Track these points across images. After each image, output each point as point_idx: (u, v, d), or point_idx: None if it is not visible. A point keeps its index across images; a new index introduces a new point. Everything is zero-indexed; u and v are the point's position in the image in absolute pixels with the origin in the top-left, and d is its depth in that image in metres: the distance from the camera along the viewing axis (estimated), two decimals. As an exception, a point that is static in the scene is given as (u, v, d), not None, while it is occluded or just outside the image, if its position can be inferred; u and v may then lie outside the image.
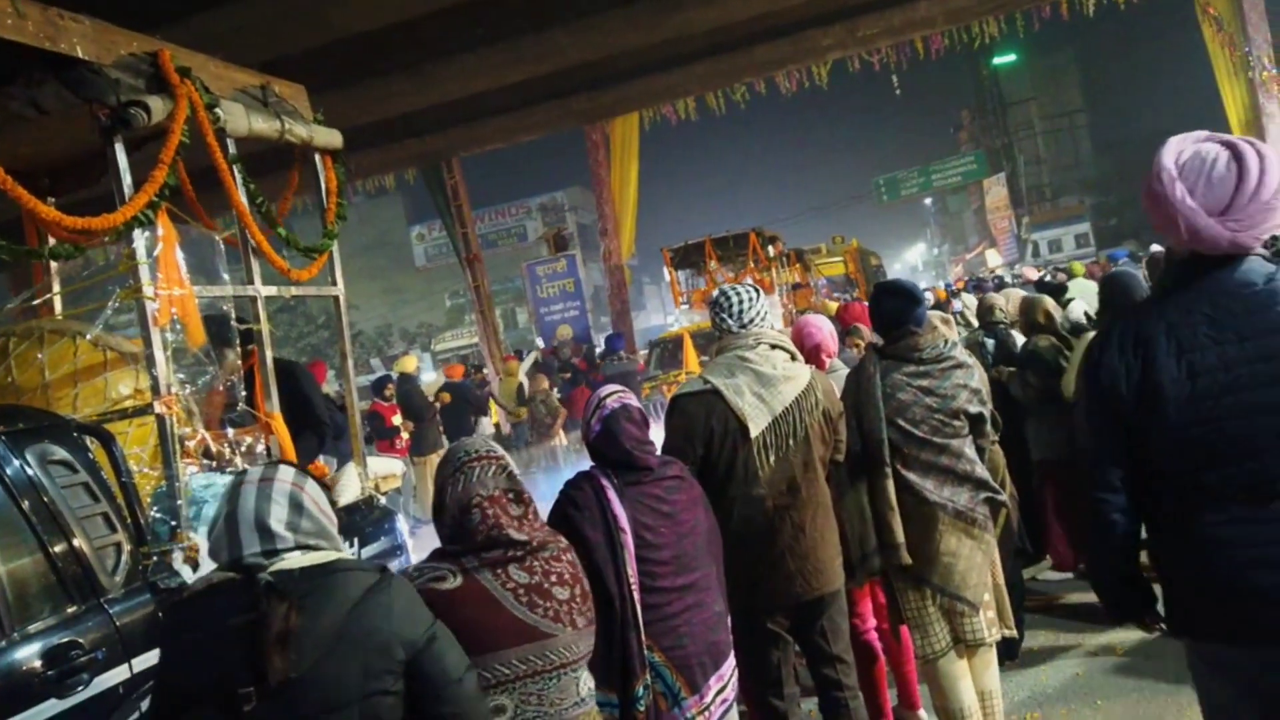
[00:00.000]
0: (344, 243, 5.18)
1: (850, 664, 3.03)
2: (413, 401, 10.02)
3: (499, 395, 12.38)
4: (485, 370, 14.96)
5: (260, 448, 3.92)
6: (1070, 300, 7.70)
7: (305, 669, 1.54)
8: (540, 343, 16.06)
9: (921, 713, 3.70)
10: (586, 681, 2.05)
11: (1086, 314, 5.31)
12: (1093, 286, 10.58)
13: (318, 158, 4.72)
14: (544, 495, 2.53)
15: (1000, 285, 13.51)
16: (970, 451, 3.19)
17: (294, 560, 1.65)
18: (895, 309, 3.22)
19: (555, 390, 11.46)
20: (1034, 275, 13.06)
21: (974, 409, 3.17)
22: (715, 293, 3.15)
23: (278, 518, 1.67)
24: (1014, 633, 3.36)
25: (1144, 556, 2.01)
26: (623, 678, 2.31)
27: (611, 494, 2.42)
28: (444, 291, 46.55)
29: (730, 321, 3.02)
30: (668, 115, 14.49)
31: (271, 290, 4.26)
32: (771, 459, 2.86)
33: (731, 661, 2.59)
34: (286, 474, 1.76)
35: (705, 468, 2.86)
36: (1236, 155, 1.81)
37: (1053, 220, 39.83)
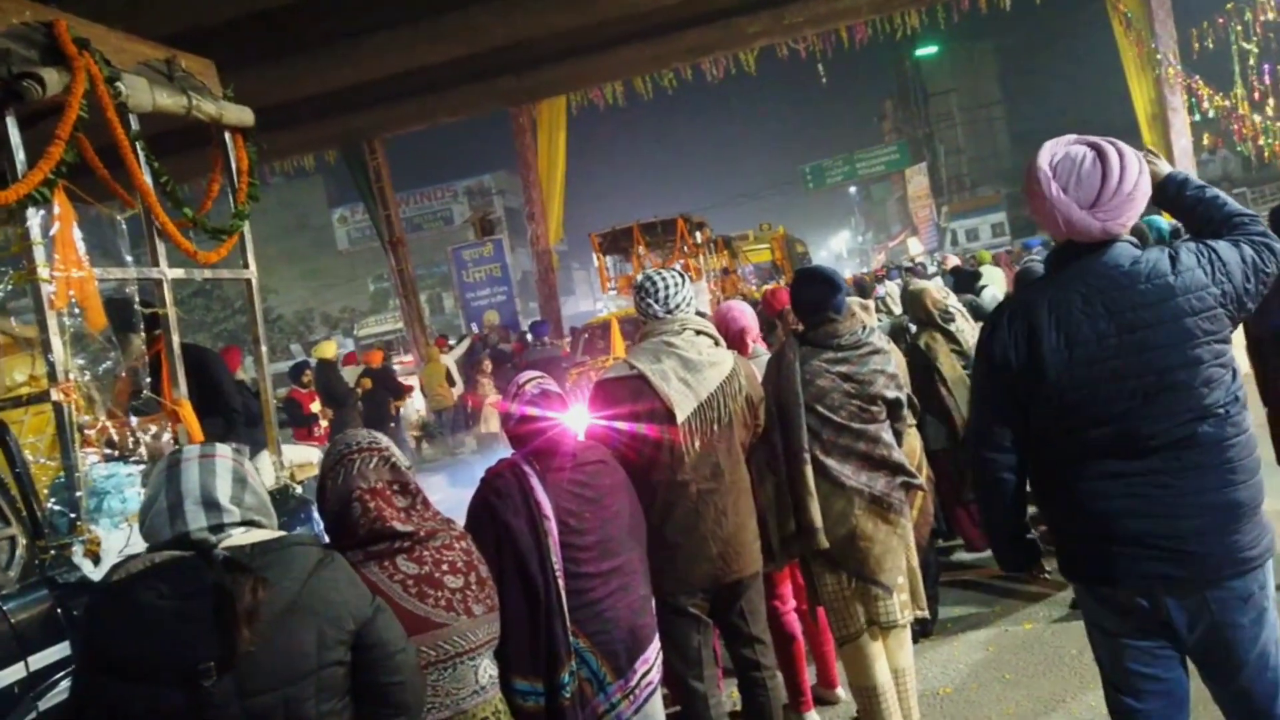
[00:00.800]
0: (262, 225, 5.06)
1: (768, 644, 3.08)
2: (333, 388, 9.79)
3: (424, 381, 12.20)
4: (409, 357, 14.75)
5: (166, 436, 3.78)
6: (984, 287, 7.94)
7: (264, 642, 1.55)
8: (475, 328, 15.89)
9: (839, 691, 3.78)
10: (487, 669, 2.03)
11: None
12: (1000, 273, 10.91)
13: (228, 136, 4.56)
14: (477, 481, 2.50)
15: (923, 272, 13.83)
16: (887, 436, 3.24)
17: (243, 536, 1.65)
18: (815, 296, 3.26)
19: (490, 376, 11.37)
20: (953, 262, 13.39)
21: (891, 394, 3.23)
22: (640, 277, 3.14)
23: (223, 492, 1.67)
24: (926, 613, 3.45)
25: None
26: (548, 665, 2.30)
27: (534, 481, 2.40)
28: (367, 276, 45.65)
29: (656, 306, 3.02)
30: (595, 100, 14.42)
31: (179, 273, 4.10)
32: (697, 444, 2.87)
33: (656, 645, 2.60)
34: (225, 450, 1.76)
35: (629, 453, 2.86)
36: (1100, 154, 2.02)
37: (971, 209, 40.97)
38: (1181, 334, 1.96)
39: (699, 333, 3.01)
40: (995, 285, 8.26)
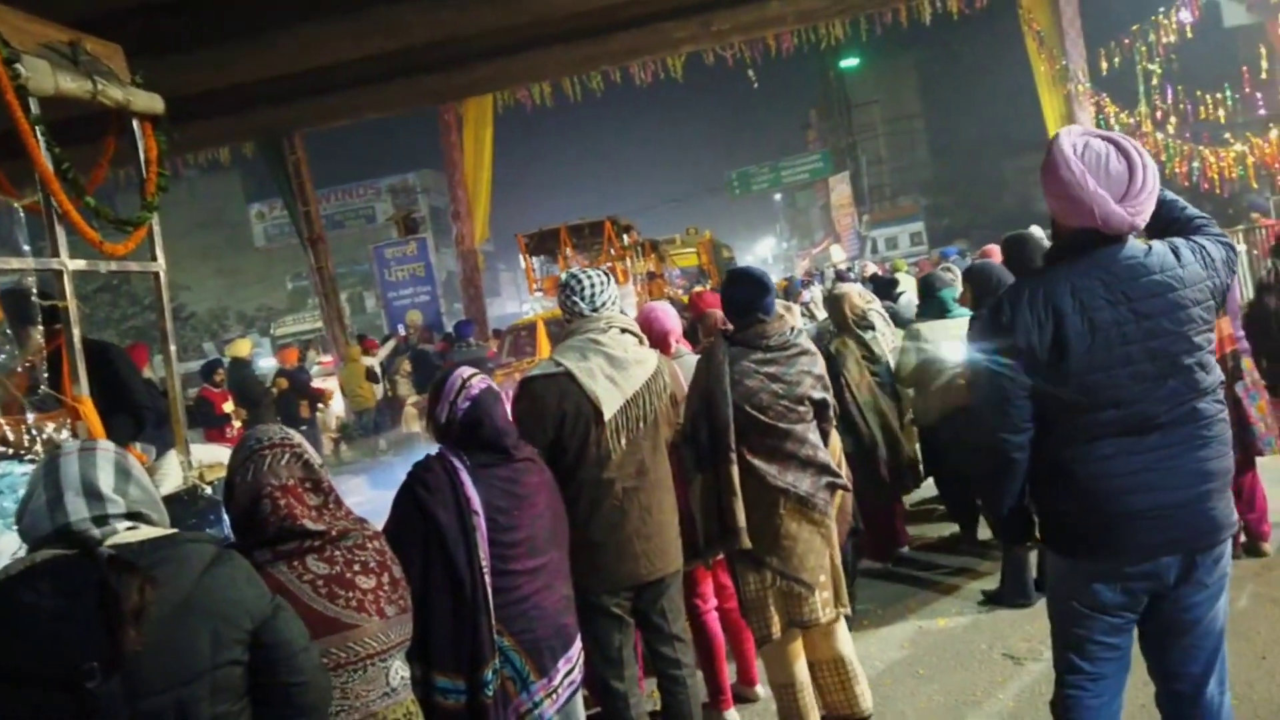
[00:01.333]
0: (175, 219, 4.84)
1: (688, 642, 3.09)
2: (247, 388, 9.49)
3: (343, 382, 11.93)
4: (328, 357, 14.41)
5: (66, 434, 3.61)
6: (902, 294, 8.15)
7: (154, 642, 1.49)
8: (401, 329, 15.60)
9: (759, 689, 3.82)
10: (399, 671, 1.99)
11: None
12: (912, 281, 11.28)
13: (136, 124, 4.38)
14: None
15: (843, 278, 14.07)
16: (814, 437, 3.29)
17: (131, 534, 1.59)
18: (745, 297, 3.29)
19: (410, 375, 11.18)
20: (871, 270, 13.68)
21: (817, 395, 3.28)
22: (565, 275, 3.13)
23: (106, 483, 1.62)
24: (849, 610, 3.50)
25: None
26: (471, 662, 2.27)
27: (464, 475, 2.37)
28: (285, 274, 44.48)
29: (582, 304, 3.01)
30: (523, 100, 14.31)
31: (81, 264, 3.92)
32: (623, 442, 2.88)
33: (579, 644, 2.60)
34: (107, 445, 1.71)
35: (555, 451, 2.84)
36: (1121, 150, 2.15)
37: (890, 219, 41.91)
38: (1187, 322, 2.14)
39: (624, 331, 3.01)
40: (911, 292, 8.49)
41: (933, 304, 5.06)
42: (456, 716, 2.26)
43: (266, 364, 16.71)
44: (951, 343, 4.64)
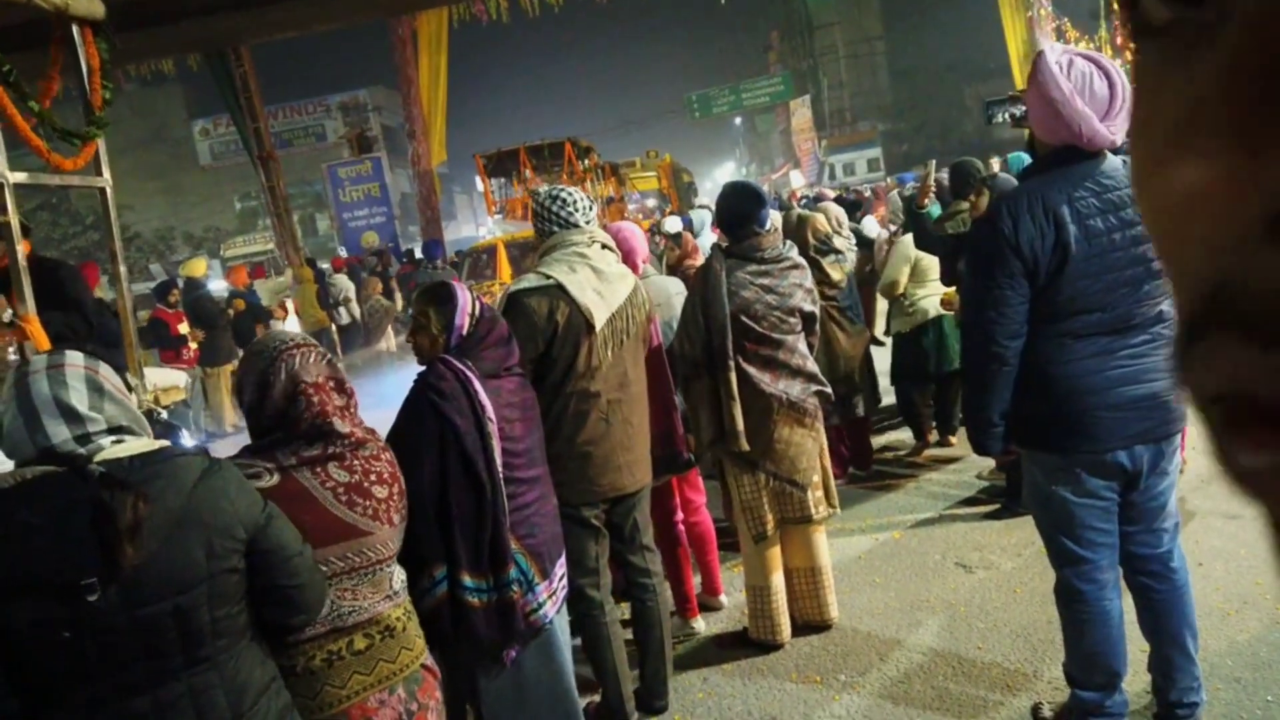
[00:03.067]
0: (115, 135, 4.63)
1: (656, 553, 3.18)
2: (201, 308, 9.30)
3: (297, 305, 11.74)
4: (284, 279, 14.13)
5: (12, 354, 3.53)
6: (865, 216, 8.24)
7: (150, 555, 1.51)
8: (343, 251, 15.34)
9: (722, 598, 3.95)
10: (399, 575, 2.05)
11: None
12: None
13: (76, 30, 4.18)
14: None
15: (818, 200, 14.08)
16: (802, 347, 3.41)
17: (119, 449, 1.58)
18: (743, 209, 3.35)
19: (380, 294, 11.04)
20: (830, 195, 13.68)
21: (807, 307, 3.40)
22: (551, 190, 3.08)
23: (80, 401, 1.58)
24: (837, 510, 3.64)
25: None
26: (493, 563, 2.34)
27: (477, 383, 2.38)
28: (233, 194, 43.28)
29: (578, 215, 2.96)
30: (479, 14, 13.87)
31: (22, 177, 3.78)
32: (609, 354, 2.90)
33: (564, 553, 2.68)
34: (76, 358, 1.64)
35: (543, 365, 2.84)
36: (1103, 70, 2.25)
37: (848, 144, 41.82)
38: None
39: (604, 247, 3.01)
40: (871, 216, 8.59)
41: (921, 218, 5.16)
42: (486, 613, 2.35)
43: (216, 285, 16.34)
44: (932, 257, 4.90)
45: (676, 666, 3.41)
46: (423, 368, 2.43)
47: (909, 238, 5.22)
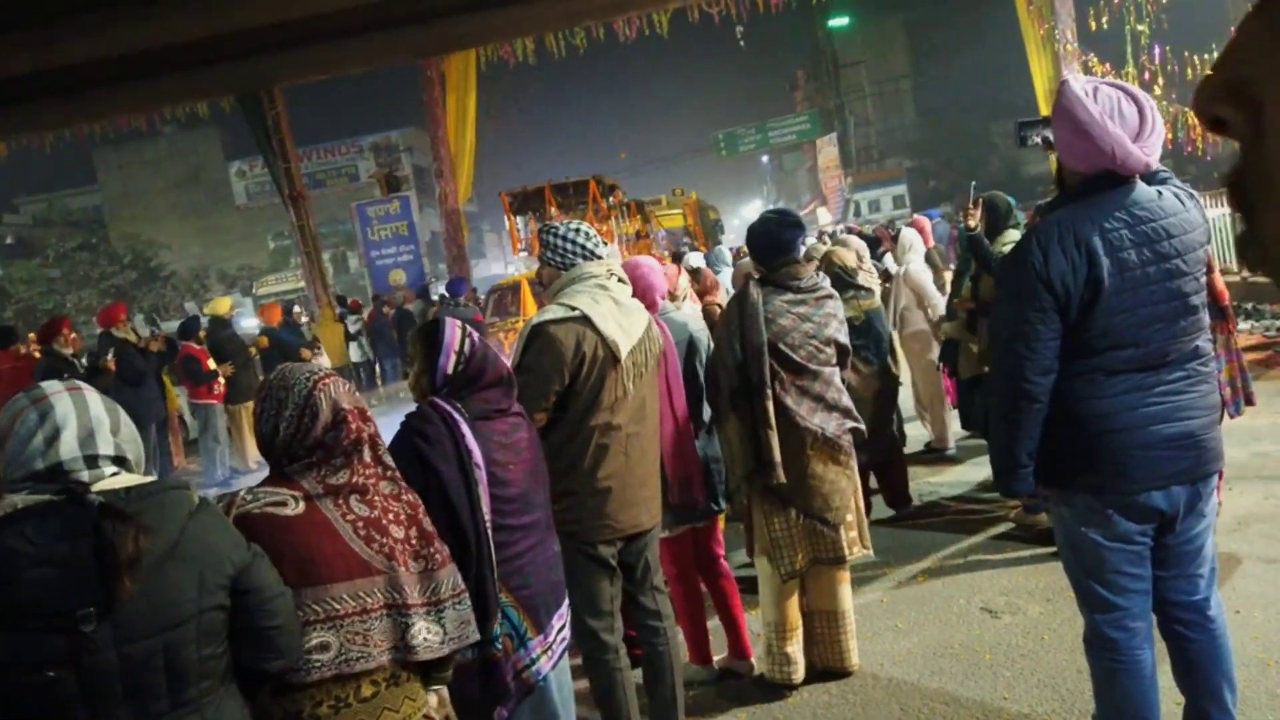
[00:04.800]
0: (154, 177, 4.70)
1: (667, 594, 3.11)
2: (223, 346, 9.38)
3: (322, 344, 11.85)
4: (304, 317, 14.32)
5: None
6: (885, 253, 8.29)
7: (143, 588, 1.52)
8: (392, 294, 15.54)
9: (752, 660, 3.77)
10: (423, 633, 1.94)
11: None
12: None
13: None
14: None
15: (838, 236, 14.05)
16: (838, 380, 3.37)
17: (115, 480, 1.61)
18: (787, 237, 3.33)
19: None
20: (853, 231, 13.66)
21: (842, 339, 3.38)
22: (568, 224, 3.06)
23: (99, 421, 1.63)
24: (870, 552, 3.55)
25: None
26: (478, 617, 2.26)
27: (464, 427, 2.30)
28: (267, 232, 44.00)
29: (593, 248, 2.95)
30: (506, 56, 14.08)
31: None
32: (631, 386, 2.86)
33: (567, 601, 2.59)
34: (84, 385, 1.71)
35: (566, 397, 2.79)
36: (1130, 95, 2.21)
37: (874, 181, 41.75)
38: (1195, 264, 2.24)
39: (620, 280, 2.99)
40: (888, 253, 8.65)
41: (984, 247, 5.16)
42: (467, 671, 2.25)
43: (249, 324, 16.57)
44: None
45: (688, 714, 3.30)
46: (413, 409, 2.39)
47: (915, 267, 5.22)
